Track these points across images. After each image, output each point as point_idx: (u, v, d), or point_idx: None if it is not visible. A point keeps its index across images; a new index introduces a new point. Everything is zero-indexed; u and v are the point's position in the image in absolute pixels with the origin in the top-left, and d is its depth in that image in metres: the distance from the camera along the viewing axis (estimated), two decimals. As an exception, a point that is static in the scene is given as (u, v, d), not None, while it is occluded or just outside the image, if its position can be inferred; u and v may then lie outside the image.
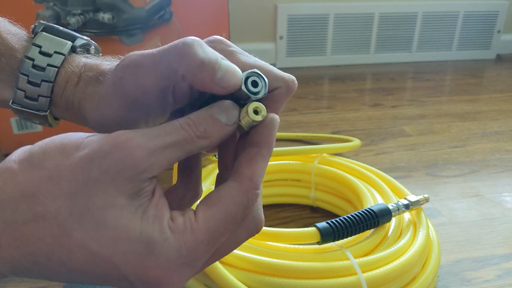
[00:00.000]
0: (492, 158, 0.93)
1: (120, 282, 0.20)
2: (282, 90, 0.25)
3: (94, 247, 0.19)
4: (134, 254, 0.19)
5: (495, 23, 1.71)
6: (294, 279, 0.46)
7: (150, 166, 0.20)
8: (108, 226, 0.18)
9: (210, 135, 0.22)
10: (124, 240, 0.19)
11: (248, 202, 0.22)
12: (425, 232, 0.55)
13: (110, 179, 0.19)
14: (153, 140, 0.20)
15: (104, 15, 0.82)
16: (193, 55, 0.22)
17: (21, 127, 0.89)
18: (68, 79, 0.27)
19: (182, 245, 0.19)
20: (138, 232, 0.19)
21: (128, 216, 0.19)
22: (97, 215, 0.19)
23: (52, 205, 0.19)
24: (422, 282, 0.51)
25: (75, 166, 0.19)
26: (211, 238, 0.20)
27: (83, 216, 0.18)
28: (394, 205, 0.55)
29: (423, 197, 0.58)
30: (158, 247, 0.19)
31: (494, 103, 1.27)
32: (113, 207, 0.19)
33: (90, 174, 0.19)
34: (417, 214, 0.58)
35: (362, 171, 0.68)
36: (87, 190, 0.19)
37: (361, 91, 1.38)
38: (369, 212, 0.53)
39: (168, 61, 0.23)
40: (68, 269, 0.19)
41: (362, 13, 1.57)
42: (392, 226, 0.56)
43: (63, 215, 0.18)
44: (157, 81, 0.23)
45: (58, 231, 0.19)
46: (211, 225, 0.20)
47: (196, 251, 0.20)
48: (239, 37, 1.50)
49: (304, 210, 0.74)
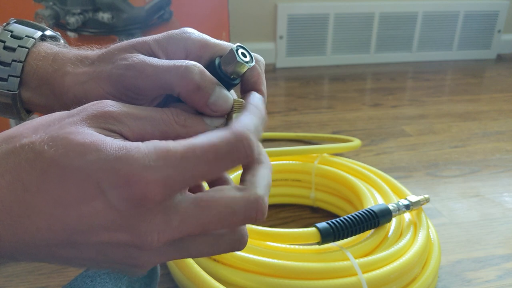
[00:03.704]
0: (493, 158, 0.93)
1: (95, 202, 0.20)
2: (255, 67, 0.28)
3: (65, 162, 0.20)
4: (103, 160, 0.20)
5: (495, 23, 1.71)
6: (294, 280, 0.46)
7: (119, 121, 0.21)
8: (77, 143, 0.20)
9: (188, 125, 0.24)
10: (91, 151, 0.20)
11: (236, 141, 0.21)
12: (426, 232, 0.55)
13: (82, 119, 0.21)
14: (131, 108, 0.22)
15: (104, 14, 0.82)
16: (192, 79, 0.24)
17: (20, 127, 0.88)
18: (43, 59, 0.29)
19: (152, 150, 0.20)
20: (108, 143, 0.20)
21: (96, 136, 0.20)
22: (66, 137, 0.20)
23: (26, 138, 0.20)
24: (422, 283, 0.51)
25: (54, 116, 0.22)
26: (186, 156, 0.20)
27: (53, 140, 0.20)
28: (394, 205, 0.55)
29: (423, 198, 0.58)
30: (128, 150, 0.20)
31: (494, 103, 1.27)
32: (82, 132, 0.20)
33: (66, 117, 0.21)
34: (417, 215, 0.58)
35: (363, 171, 0.68)
36: (61, 123, 0.21)
37: (361, 91, 1.38)
38: (370, 213, 0.52)
39: (168, 78, 0.25)
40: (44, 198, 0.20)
41: (363, 12, 1.57)
42: (393, 227, 0.55)
43: (36, 142, 0.20)
44: (154, 89, 0.26)
45: (32, 155, 0.20)
46: (189, 144, 0.20)
47: (167, 159, 0.20)
48: (239, 37, 1.50)
49: (305, 210, 0.74)
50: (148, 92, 0.26)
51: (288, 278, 0.47)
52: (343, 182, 0.67)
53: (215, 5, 0.91)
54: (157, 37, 0.28)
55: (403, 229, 0.56)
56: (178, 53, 0.27)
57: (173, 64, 0.25)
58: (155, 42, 0.27)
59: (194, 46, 0.27)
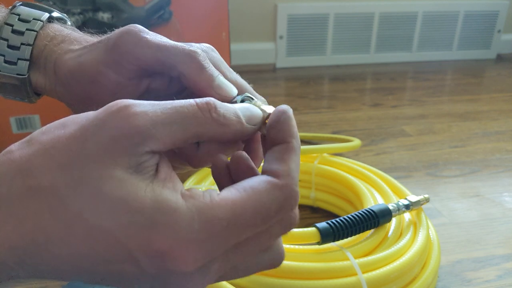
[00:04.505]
0: (493, 158, 0.93)
1: (125, 264, 0.18)
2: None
3: (93, 220, 0.17)
4: (137, 225, 0.17)
5: (495, 23, 1.70)
6: (294, 280, 0.46)
7: (150, 138, 0.18)
8: (105, 197, 0.17)
9: (226, 123, 0.20)
10: (125, 211, 0.17)
11: (285, 200, 0.19)
12: (425, 232, 0.55)
13: (105, 150, 0.17)
14: (157, 110, 0.18)
15: (104, 14, 0.82)
16: (198, 60, 0.24)
17: (20, 126, 0.88)
18: (50, 39, 0.28)
19: (195, 217, 0.17)
20: (141, 201, 0.17)
21: (129, 187, 0.17)
22: (93, 186, 0.17)
23: (46, 177, 0.17)
24: (422, 283, 0.51)
25: (69, 137, 0.18)
26: (233, 223, 0.17)
27: (79, 187, 0.17)
28: (394, 205, 0.55)
29: (423, 197, 0.58)
30: (166, 216, 0.17)
31: (494, 103, 1.27)
32: (110, 179, 0.17)
33: (84, 144, 0.17)
34: (417, 214, 0.58)
35: (362, 171, 0.68)
36: (82, 162, 0.17)
37: (361, 91, 1.38)
38: (369, 213, 0.52)
39: (172, 55, 0.24)
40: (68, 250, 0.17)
41: (362, 12, 1.57)
42: (393, 227, 0.55)
43: (58, 186, 0.17)
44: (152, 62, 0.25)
45: (54, 203, 0.17)
46: (237, 207, 0.17)
47: (212, 230, 0.17)
48: (239, 37, 1.50)
49: (305, 210, 0.74)
50: (145, 63, 0.25)
51: (287, 278, 0.47)
52: (343, 182, 0.67)
53: (214, 5, 0.91)
54: None
55: (403, 229, 0.56)
56: None
57: (177, 44, 0.25)
58: None
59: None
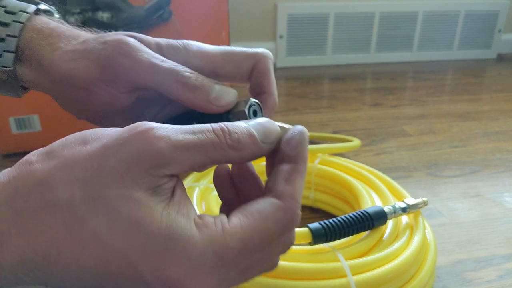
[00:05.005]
0: (493, 158, 0.93)
1: (135, 285, 0.18)
2: (261, 62, 0.27)
3: (108, 240, 0.17)
4: (151, 250, 0.17)
5: (496, 23, 1.70)
6: (283, 280, 0.46)
7: (170, 161, 0.18)
8: (122, 217, 0.17)
9: (242, 148, 0.20)
10: (140, 234, 0.17)
11: (288, 222, 0.20)
12: (421, 236, 0.54)
13: (126, 169, 0.17)
14: (178, 135, 0.19)
15: (103, 14, 0.82)
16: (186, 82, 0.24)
17: (19, 126, 0.88)
18: (37, 32, 0.27)
19: (209, 246, 0.17)
20: (157, 225, 0.17)
21: (146, 210, 0.17)
22: (110, 205, 0.17)
23: (64, 192, 0.17)
24: (414, 286, 0.50)
25: (91, 154, 0.18)
26: (243, 250, 0.18)
27: (96, 205, 0.17)
28: (390, 207, 0.54)
29: (421, 201, 0.57)
30: (180, 244, 0.17)
31: (495, 103, 1.26)
32: (128, 199, 0.17)
33: (106, 161, 0.18)
34: (415, 217, 0.57)
35: (362, 172, 0.68)
36: (102, 179, 0.17)
37: (362, 90, 1.37)
38: (364, 214, 0.51)
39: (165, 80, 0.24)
40: (79, 267, 0.17)
41: (363, 12, 1.57)
42: (389, 229, 0.55)
43: (75, 203, 0.17)
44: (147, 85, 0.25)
45: (70, 219, 0.17)
46: (246, 235, 0.18)
47: (224, 258, 0.18)
48: (239, 37, 1.50)
49: (305, 210, 0.73)
50: (138, 84, 0.25)
51: (277, 278, 0.46)
52: (342, 183, 0.67)
53: (214, 5, 0.91)
54: (160, 40, 0.27)
55: (399, 232, 0.55)
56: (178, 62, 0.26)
57: (170, 67, 0.24)
58: (156, 45, 0.27)
59: (194, 60, 0.26)
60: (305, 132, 0.23)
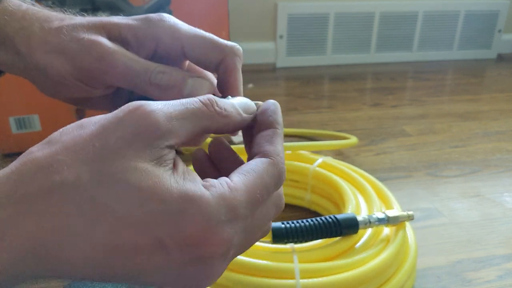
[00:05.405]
0: (493, 158, 0.93)
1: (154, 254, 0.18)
2: (228, 58, 0.26)
3: (121, 211, 0.17)
4: (168, 214, 0.17)
5: (496, 23, 1.70)
6: (237, 274, 0.47)
7: (168, 132, 0.19)
8: (133, 188, 0.17)
9: (228, 115, 0.22)
10: (154, 201, 0.17)
11: (279, 175, 0.22)
12: (392, 251, 0.51)
13: (128, 144, 0.18)
14: (169, 107, 0.19)
15: (103, 14, 0.82)
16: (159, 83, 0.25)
17: (19, 126, 0.88)
18: (10, 14, 0.27)
19: (221, 202, 0.18)
20: (168, 190, 0.18)
21: (154, 178, 0.18)
22: (119, 178, 0.17)
23: (70, 172, 0.17)
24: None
25: (90, 135, 0.18)
26: (249, 202, 0.19)
27: (104, 180, 0.17)
28: (365, 217, 0.52)
29: (406, 214, 0.54)
30: (195, 204, 0.18)
31: (495, 103, 1.26)
32: (135, 170, 0.17)
33: (106, 140, 0.18)
34: (396, 231, 0.55)
35: (357, 178, 0.66)
36: (106, 155, 0.18)
37: (362, 90, 1.37)
38: (333, 220, 0.51)
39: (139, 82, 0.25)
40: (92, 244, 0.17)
41: (363, 12, 1.57)
42: (363, 239, 0.53)
43: (83, 180, 0.17)
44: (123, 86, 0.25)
45: (79, 197, 0.17)
46: (249, 188, 0.20)
47: (236, 211, 0.19)
48: (239, 36, 1.50)
49: (305, 210, 0.73)
50: (112, 84, 0.26)
51: (234, 271, 0.47)
52: (335, 187, 0.66)
53: (214, 5, 0.91)
54: (131, 21, 0.27)
55: (375, 243, 0.53)
56: (148, 42, 0.26)
57: (143, 69, 0.25)
58: (127, 27, 0.27)
59: (165, 36, 0.26)
60: (276, 103, 0.25)
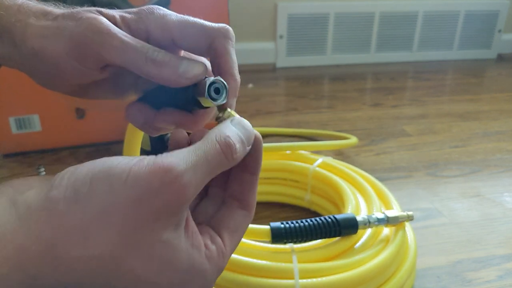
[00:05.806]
0: (493, 158, 0.93)
1: None
2: (217, 41, 0.26)
3: (143, 276, 0.21)
4: (179, 280, 0.22)
5: (496, 23, 1.70)
6: (236, 273, 0.47)
7: (193, 197, 0.21)
8: (155, 259, 0.21)
9: (239, 158, 0.24)
10: (169, 271, 0.21)
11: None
12: (392, 251, 0.51)
13: (158, 218, 0.20)
14: (198, 172, 0.21)
15: (103, 14, 0.82)
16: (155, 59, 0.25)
17: (19, 126, 0.88)
18: (6, 8, 0.27)
19: (216, 271, 0.23)
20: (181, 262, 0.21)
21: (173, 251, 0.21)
22: (145, 250, 0.20)
23: (106, 243, 0.20)
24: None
25: (125, 205, 0.20)
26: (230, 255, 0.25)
27: (133, 250, 0.20)
28: (365, 217, 0.52)
29: (406, 215, 0.54)
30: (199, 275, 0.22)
31: (495, 103, 1.26)
32: (158, 243, 0.21)
33: (140, 213, 0.20)
34: (396, 231, 0.54)
35: (357, 178, 0.66)
36: (137, 228, 0.20)
37: (362, 90, 1.37)
38: (332, 220, 0.50)
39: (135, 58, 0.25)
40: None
41: (363, 12, 1.57)
42: (363, 239, 0.52)
43: (116, 248, 0.20)
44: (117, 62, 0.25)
45: (110, 263, 0.20)
46: (234, 248, 0.25)
47: (223, 268, 0.24)
48: (239, 36, 1.50)
49: (305, 210, 0.73)
50: (108, 62, 0.25)
51: (232, 271, 0.47)
52: (334, 188, 0.66)
53: (214, 5, 0.91)
54: (125, 14, 0.27)
55: (374, 243, 0.53)
56: (140, 34, 0.27)
57: (140, 46, 0.25)
58: (121, 19, 0.27)
59: (155, 29, 0.27)
60: (261, 140, 0.26)
